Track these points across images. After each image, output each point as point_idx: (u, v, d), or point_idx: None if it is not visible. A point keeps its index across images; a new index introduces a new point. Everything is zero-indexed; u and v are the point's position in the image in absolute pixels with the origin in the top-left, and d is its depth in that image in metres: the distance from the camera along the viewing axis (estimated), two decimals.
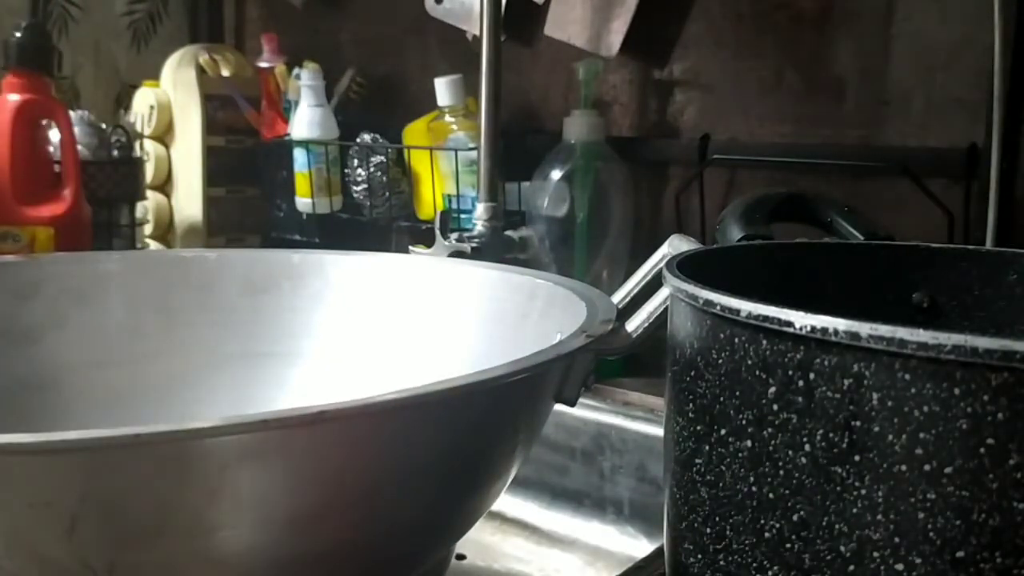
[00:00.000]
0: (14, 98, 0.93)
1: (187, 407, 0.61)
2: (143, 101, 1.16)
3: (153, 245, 1.16)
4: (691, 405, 0.37)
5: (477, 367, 0.38)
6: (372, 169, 1.04)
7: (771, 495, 0.33)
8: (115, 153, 1.04)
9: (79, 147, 0.97)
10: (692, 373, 0.36)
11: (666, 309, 0.43)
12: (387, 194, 1.04)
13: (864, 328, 0.29)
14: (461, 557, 0.68)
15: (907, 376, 0.29)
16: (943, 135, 0.81)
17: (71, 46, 1.23)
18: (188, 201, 1.16)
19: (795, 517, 0.32)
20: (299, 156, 1.07)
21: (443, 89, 0.99)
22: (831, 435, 0.31)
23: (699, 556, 0.37)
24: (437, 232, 0.79)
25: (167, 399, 0.62)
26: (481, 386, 0.37)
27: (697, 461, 0.36)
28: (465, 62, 0.99)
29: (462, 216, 0.94)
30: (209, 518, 0.34)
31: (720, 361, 0.35)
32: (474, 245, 0.81)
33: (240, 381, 0.64)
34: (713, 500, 0.35)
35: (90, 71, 1.26)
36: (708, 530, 0.36)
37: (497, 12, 0.85)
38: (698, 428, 0.36)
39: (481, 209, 0.87)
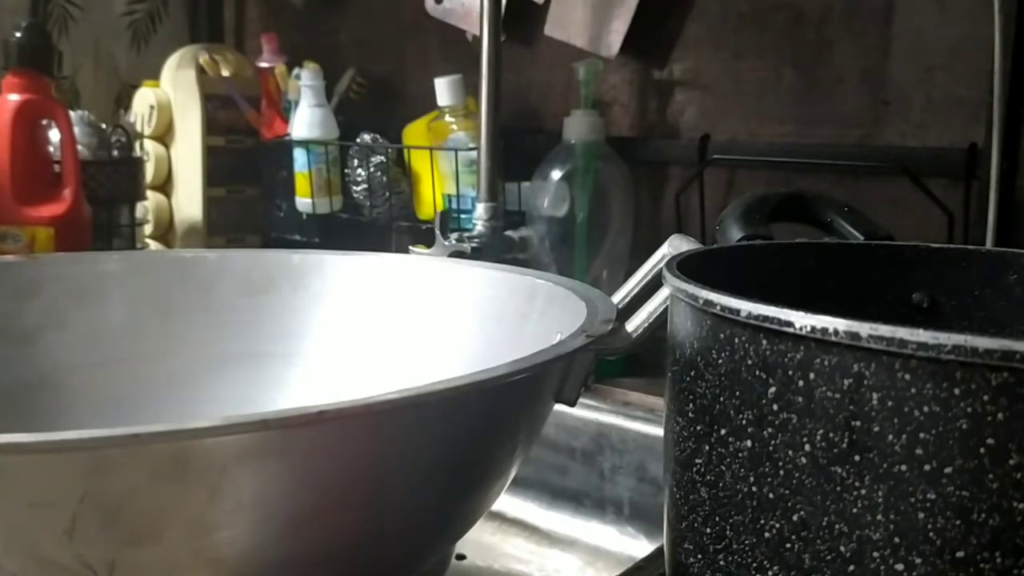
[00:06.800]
0: (14, 98, 0.93)
1: (187, 407, 0.61)
2: (143, 101, 1.16)
3: (153, 245, 1.16)
4: (691, 405, 0.37)
5: (477, 367, 0.38)
6: (372, 169, 1.04)
7: (771, 495, 0.33)
8: (115, 153, 1.04)
9: (79, 147, 0.97)
10: (692, 373, 0.36)
11: (666, 309, 0.43)
12: (387, 194, 1.04)
13: (864, 328, 0.29)
14: (461, 557, 0.68)
15: (907, 376, 0.29)
16: (943, 135, 0.81)
17: (71, 46, 1.23)
18: (188, 201, 1.16)
19: (795, 517, 0.32)
20: (299, 156, 1.07)
21: (443, 89, 0.99)
22: (831, 435, 0.31)
23: (699, 556, 0.37)
24: (437, 232, 0.79)
25: (167, 399, 0.62)
26: (481, 386, 0.37)
27: (697, 461, 0.36)
28: (465, 62, 0.99)
29: (462, 216, 0.93)
30: (209, 518, 0.34)
31: (720, 361, 0.35)
32: (474, 245, 0.81)
33: (240, 381, 0.64)
34: (713, 500, 0.35)
35: (90, 71, 1.26)
36: (708, 530, 0.36)
37: (497, 12, 0.85)
38: (698, 428, 0.36)
39: (481, 209, 0.87)
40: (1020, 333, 0.45)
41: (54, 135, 0.96)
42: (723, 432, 0.35)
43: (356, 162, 1.05)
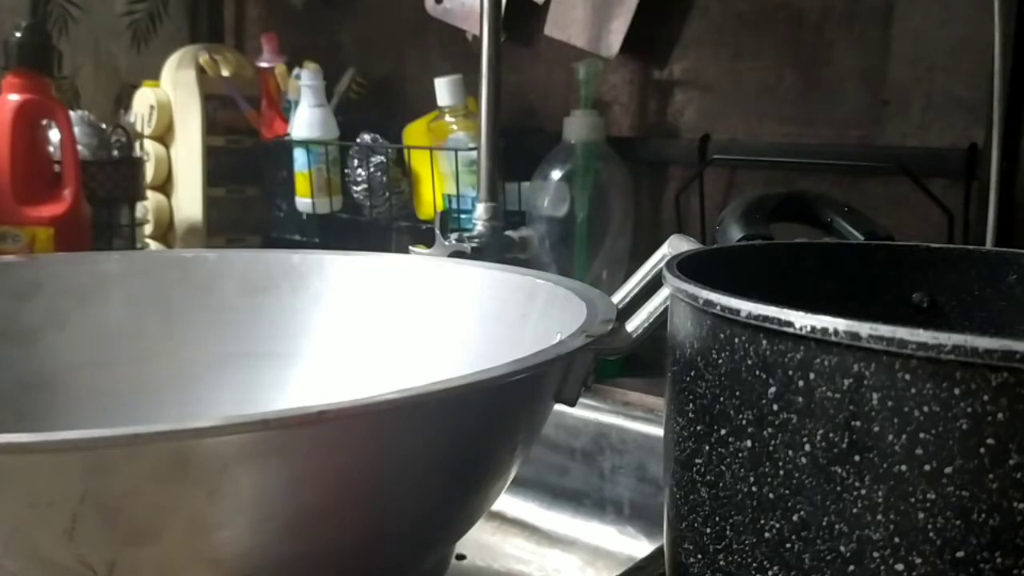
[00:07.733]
0: (14, 98, 0.93)
1: (187, 407, 0.61)
2: (143, 101, 1.16)
3: (153, 245, 1.16)
4: (691, 405, 0.37)
5: (477, 367, 0.38)
6: (372, 169, 1.04)
7: (771, 495, 0.33)
8: (115, 153, 1.04)
9: (79, 147, 0.97)
10: (692, 373, 0.36)
11: (666, 309, 0.43)
12: (387, 194, 1.04)
13: (864, 328, 0.29)
14: (461, 557, 0.68)
15: (907, 376, 0.29)
16: (943, 135, 0.81)
17: (71, 46, 1.23)
18: (188, 201, 1.16)
19: (795, 517, 0.32)
20: (299, 156, 1.07)
21: (443, 89, 0.98)
22: (831, 435, 0.31)
23: (699, 556, 0.37)
24: (437, 232, 0.79)
25: (167, 399, 0.62)
26: (481, 386, 0.37)
27: (697, 461, 0.36)
28: (465, 62, 0.99)
29: (462, 216, 0.93)
30: (209, 518, 0.34)
31: (720, 361, 0.35)
32: (474, 245, 0.81)
33: (240, 381, 0.64)
34: (713, 500, 0.35)
35: (90, 71, 1.26)
36: (708, 530, 0.36)
37: (497, 12, 0.85)
38: (698, 428, 0.36)
39: (481, 209, 0.87)
40: (1020, 333, 0.45)
41: (54, 135, 0.96)
42: (723, 432, 0.35)
43: (356, 162, 1.05)
